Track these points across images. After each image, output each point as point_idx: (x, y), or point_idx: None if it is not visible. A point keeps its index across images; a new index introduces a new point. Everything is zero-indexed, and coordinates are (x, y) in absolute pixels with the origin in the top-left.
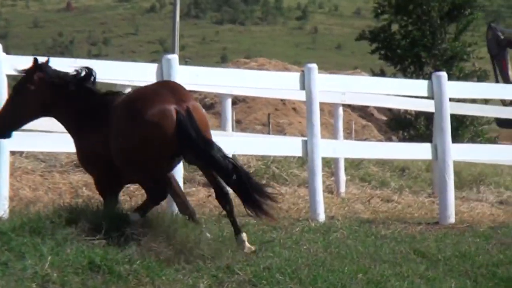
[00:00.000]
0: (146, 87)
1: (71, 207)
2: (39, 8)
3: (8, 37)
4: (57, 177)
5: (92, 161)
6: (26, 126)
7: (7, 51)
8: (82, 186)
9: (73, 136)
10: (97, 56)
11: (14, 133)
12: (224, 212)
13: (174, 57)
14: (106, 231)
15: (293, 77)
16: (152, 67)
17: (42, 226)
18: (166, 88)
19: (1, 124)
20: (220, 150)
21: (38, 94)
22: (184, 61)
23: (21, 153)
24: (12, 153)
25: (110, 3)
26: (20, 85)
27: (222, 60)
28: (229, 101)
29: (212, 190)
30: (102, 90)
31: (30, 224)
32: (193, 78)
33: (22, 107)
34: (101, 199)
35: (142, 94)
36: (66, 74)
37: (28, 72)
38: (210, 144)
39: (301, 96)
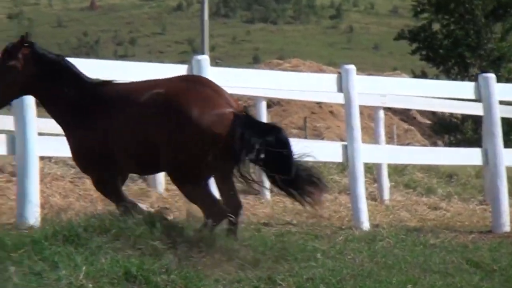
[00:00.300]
0: (176, 84)
1: (103, 214)
2: (62, 7)
3: (32, 37)
4: (88, 183)
5: (92, 159)
6: (55, 130)
7: None
8: None
9: (66, 130)
10: (123, 56)
11: (42, 137)
12: (261, 221)
13: (204, 58)
14: (141, 240)
15: (330, 78)
16: (182, 69)
17: (75, 234)
18: (204, 86)
19: None
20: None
21: (21, 73)
22: (214, 62)
23: (50, 158)
24: (41, 158)
25: (135, 1)
26: (2, 61)
27: (254, 61)
28: (263, 104)
29: (250, 197)
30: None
31: (63, 233)
32: (225, 80)
33: (4, 86)
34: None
35: (186, 96)
36: (55, 54)
37: (13, 49)
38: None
39: (338, 98)
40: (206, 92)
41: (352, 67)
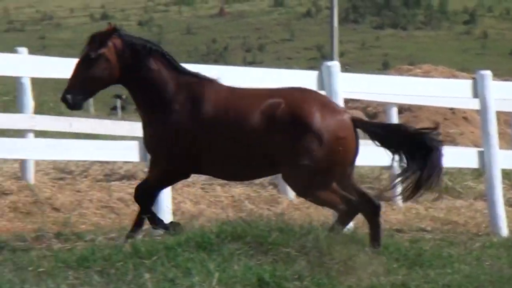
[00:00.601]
0: (293, 94)
1: (235, 221)
2: (191, 14)
3: (161, 44)
4: (218, 190)
5: (169, 154)
6: None
7: None
8: (245, 200)
9: (148, 117)
10: (252, 63)
11: None
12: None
13: (334, 64)
14: (273, 246)
15: (465, 84)
16: (312, 75)
17: (207, 241)
18: (316, 94)
19: (72, 93)
20: None
21: (111, 62)
22: (344, 68)
23: None
24: None
25: (264, 8)
26: (91, 50)
27: (384, 67)
28: (394, 110)
29: (381, 204)
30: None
31: (195, 239)
32: (354, 86)
33: (93, 75)
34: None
35: (307, 105)
36: (144, 40)
37: (102, 37)
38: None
39: (472, 104)
40: (322, 100)
41: (487, 73)
